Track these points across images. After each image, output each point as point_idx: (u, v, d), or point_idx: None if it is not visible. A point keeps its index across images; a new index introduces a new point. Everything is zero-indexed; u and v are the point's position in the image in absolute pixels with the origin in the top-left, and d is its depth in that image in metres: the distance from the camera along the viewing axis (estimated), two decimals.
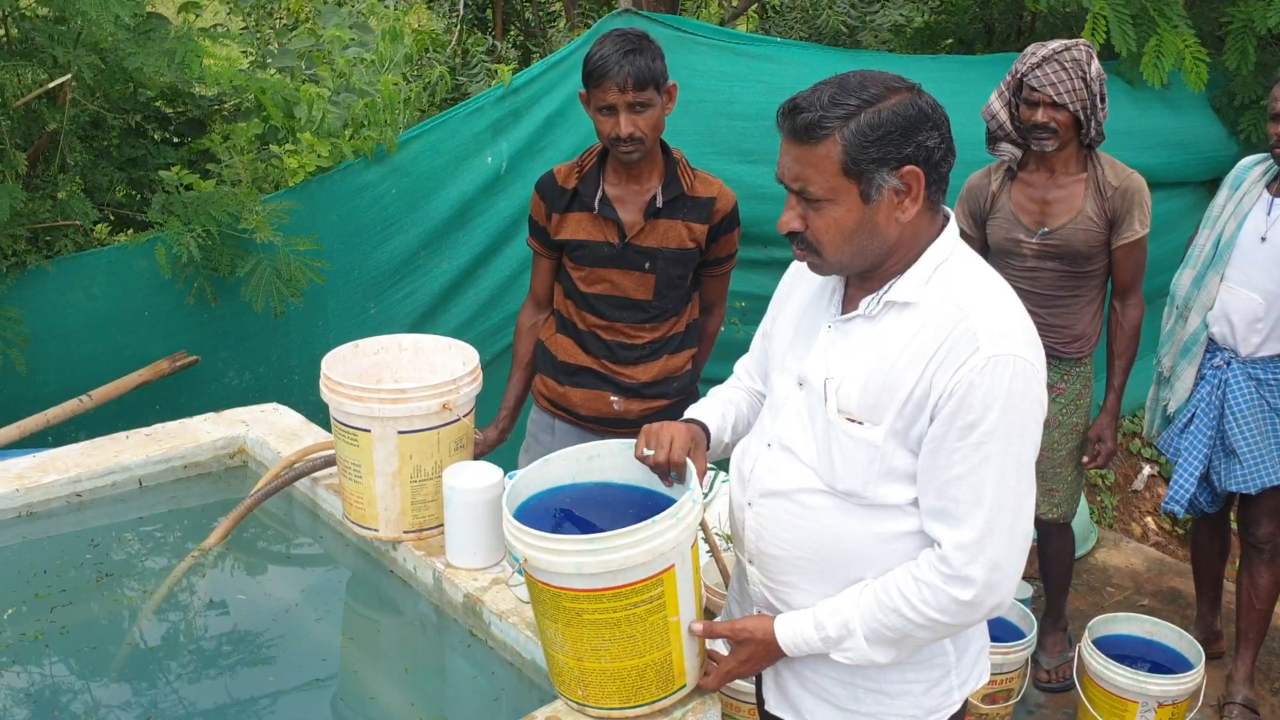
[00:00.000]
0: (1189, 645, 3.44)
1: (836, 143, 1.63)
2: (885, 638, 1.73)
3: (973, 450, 1.64)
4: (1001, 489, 1.65)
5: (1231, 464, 3.44)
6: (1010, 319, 1.68)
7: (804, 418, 1.81)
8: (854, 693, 1.87)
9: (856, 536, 1.76)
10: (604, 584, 1.74)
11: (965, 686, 1.91)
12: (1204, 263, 3.46)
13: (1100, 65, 3.24)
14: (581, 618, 1.78)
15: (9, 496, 2.62)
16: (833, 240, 1.69)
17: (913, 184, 1.66)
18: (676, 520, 1.75)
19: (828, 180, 1.65)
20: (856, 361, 1.74)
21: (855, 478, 1.74)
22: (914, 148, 1.64)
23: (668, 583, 1.78)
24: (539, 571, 1.78)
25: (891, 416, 1.69)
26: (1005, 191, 3.43)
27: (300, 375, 3.77)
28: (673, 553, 1.76)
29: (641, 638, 1.80)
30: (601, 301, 2.85)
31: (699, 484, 1.86)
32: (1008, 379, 1.62)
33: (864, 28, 5.14)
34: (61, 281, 3.36)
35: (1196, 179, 5.64)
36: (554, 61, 4.12)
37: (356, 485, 2.41)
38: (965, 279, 1.71)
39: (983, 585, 1.67)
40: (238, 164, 3.62)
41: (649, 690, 1.85)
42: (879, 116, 1.62)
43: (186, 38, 3.36)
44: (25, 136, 3.45)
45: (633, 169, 2.76)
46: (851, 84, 1.65)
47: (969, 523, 1.66)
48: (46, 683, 2.19)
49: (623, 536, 1.71)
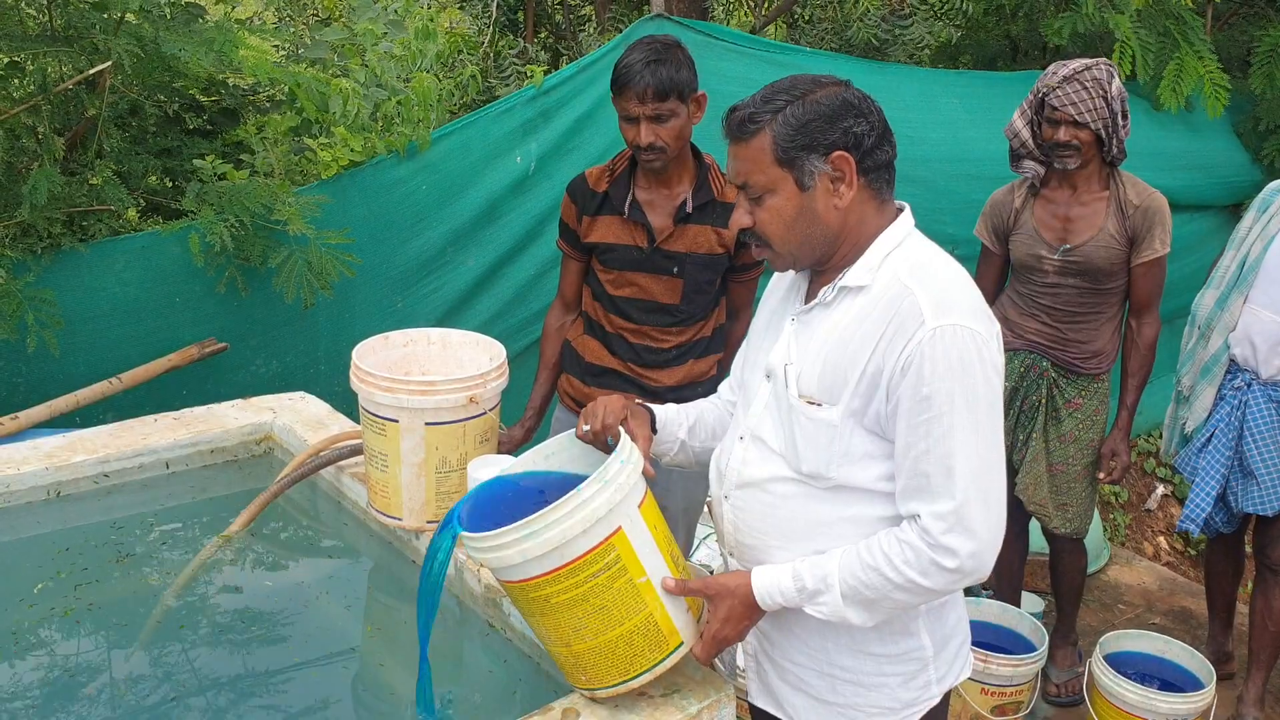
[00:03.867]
0: (1200, 664, 3.45)
1: (767, 135, 1.73)
2: (862, 596, 1.75)
3: (934, 422, 1.68)
4: (970, 457, 1.69)
5: (1249, 485, 3.45)
6: (955, 292, 1.74)
7: (771, 407, 1.87)
8: (832, 684, 1.91)
9: (827, 522, 1.80)
10: (555, 563, 1.76)
11: (944, 681, 1.93)
12: (1228, 284, 3.47)
13: (1121, 83, 3.27)
14: (550, 603, 1.80)
15: (38, 475, 2.66)
16: (777, 230, 1.78)
17: (844, 169, 1.74)
18: (605, 483, 1.76)
19: (764, 172, 1.75)
20: (814, 347, 1.80)
21: (818, 459, 1.79)
22: (840, 134, 1.73)
23: (620, 546, 1.79)
24: (498, 572, 1.81)
25: (848, 395, 1.75)
26: (1028, 208, 3.45)
27: (327, 365, 3.80)
28: (613, 515, 1.76)
29: (614, 606, 1.80)
30: (629, 305, 2.88)
31: (632, 447, 1.87)
32: (957, 349, 1.67)
33: (894, 42, 5.17)
34: (95, 265, 3.40)
35: (1218, 203, 5.65)
36: (585, 64, 4.15)
37: (382, 475, 2.44)
38: (915, 261, 1.78)
39: (966, 555, 1.69)
40: (271, 156, 3.66)
41: (643, 656, 1.85)
42: (803, 107, 1.73)
43: (226, 28, 3.41)
44: (64, 122, 3.50)
45: (661, 174, 2.78)
46: (782, 84, 1.77)
47: (944, 494, 1.69)
48: (77, 655, 2.23)
49: (553, 512, 1.73)
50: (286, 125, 3.75)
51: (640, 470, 1.85)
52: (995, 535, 1.72)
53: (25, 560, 2.52)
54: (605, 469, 1.78)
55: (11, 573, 2.49)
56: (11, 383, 3.35)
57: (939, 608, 1.91)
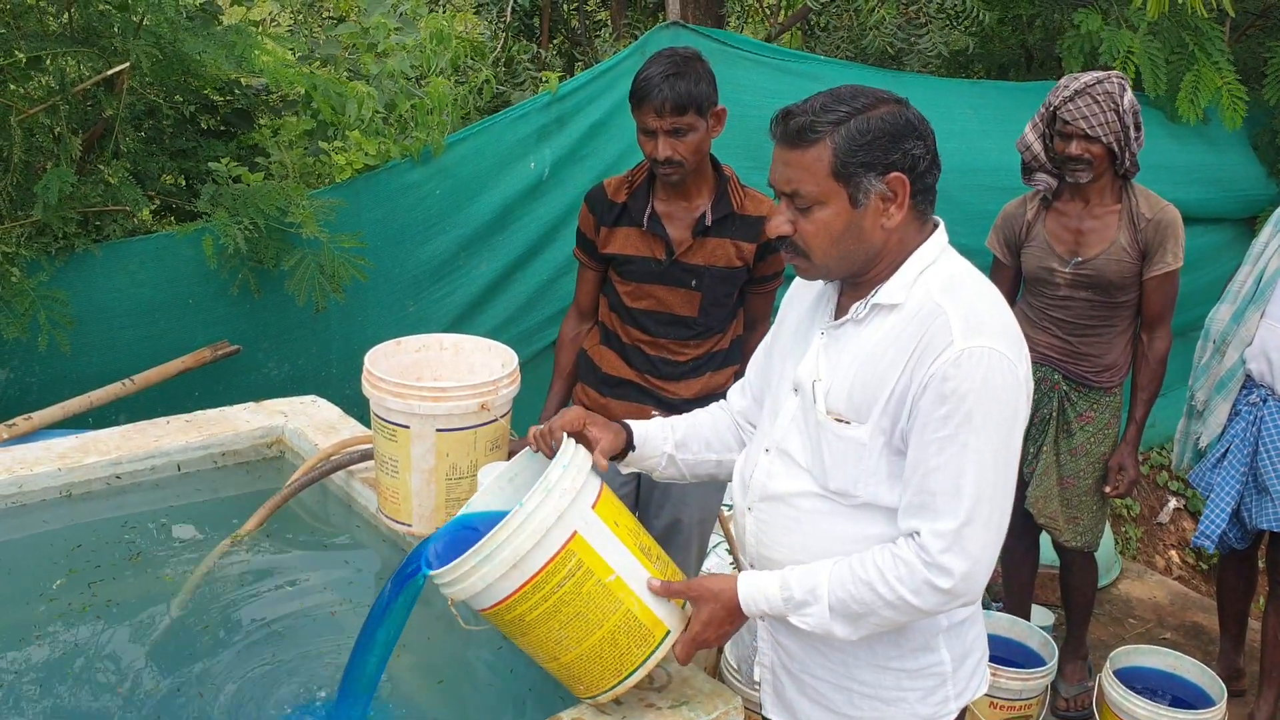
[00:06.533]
0: (1211, 681, 3.42)
1: (827, 146, 1.69)
2: (850, 610, 1.74)
3: (948, 440, 1.66)
4: (980, 480, 1.67)
5: (1264, 501, 3.43)
6: (987, 313, 1.72)
7: (799, 421, 1.85)
8: (850, 698, 1.90)
9: (850, 538, 1.79)
10: (518, 581, 1.75)
11: (962, 697, 1.92)
12: (1244, 299, 3.45)
13: (1133, 96, 3.26)
14: (526, 621, 1.80)
15: (51, 475, 2.68)
16: (820, 244, 1.75)
17: (898, 190, 1.72)
18: (548, 492, 1.75)
19: (818, 183, 1.71)
20: (844, 363, 1.79)
21: (845, 477, 1.77)
22: (900, 155, 1.70)
23: (579, 550, 1.77)
24: (471, 602, 1.81)
25: (877, 414, 1.73)
26: (1040, 220, 3.45)
27: (338, 369, 3.81)
28: (564, 522, 1.76)
29: (589, 610, 1.79)
30: (647, 317, 2.87)
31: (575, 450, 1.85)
32: (983, 370, 1.66)
33: (909, 51, 5.16)
34: (108, 266, 3.41)
35: (1233, 216, 5.62)
36: (600, 71, 4.15)
37: (393, 480, 2.44)
38: (948, 280, 1.76)
39: (960, 577, 1.68)
40: (286, 158, 3.67)
41: (631, 654, 1.84)
42: (868, 123, 1.69)
43: (244, 30, 3.42)
44: (81, 122, 3.51)
45: (680, 187, 2.77)
46: (844, 93, 1.73)
47: (948, 513, 1.67)
48: (90, 650, 2.25)
49: (501, 532, 1.72)
50: (301, 128, 3.76)
51: (586, 470, 1.84)
52: (990, 559, 1.71)
53: (38, 557, 2.54)
54: (545, 477, 1.77)
55: (24, 569, 2.50)
56: (24, 383, 3.37)
57: (960, 623, 1.89)
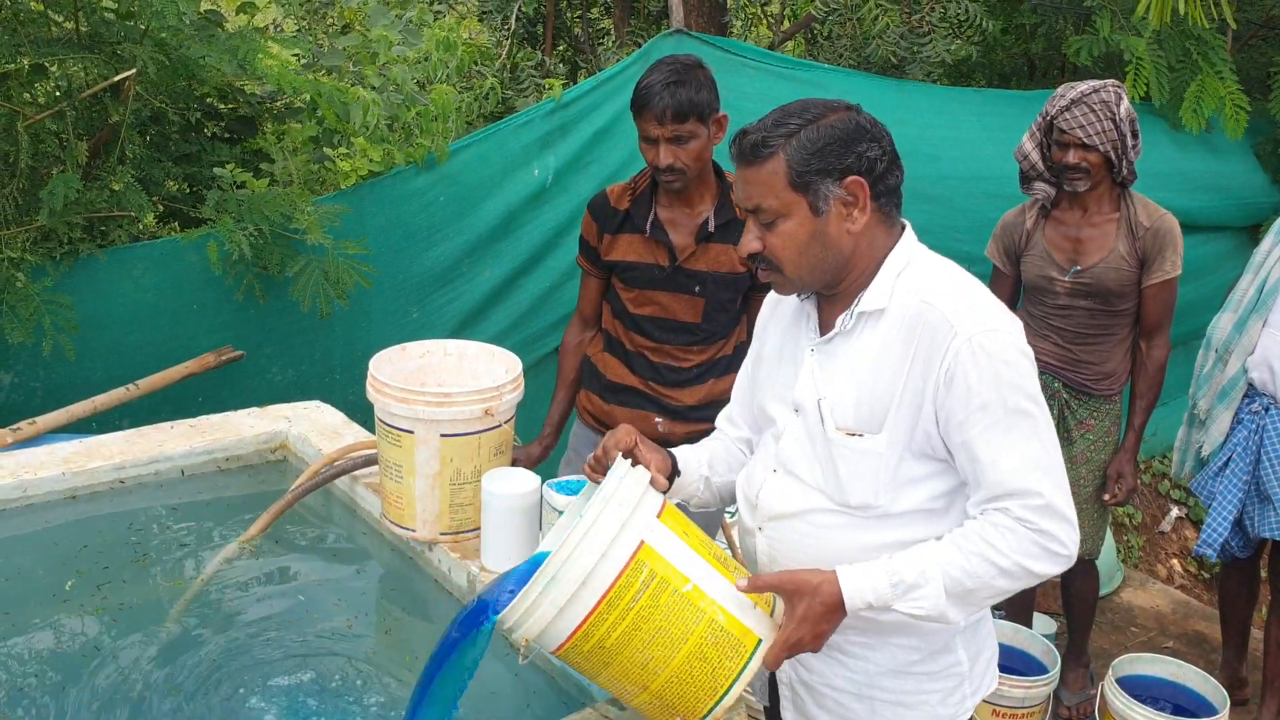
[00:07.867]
0: (1213, 689, 3.42)
1: (781, 159, 1.73)
2: (963, 587, 1.69)
3: (993, 429, 1.68)
4: (1037, 452, 1.70)
5: (1266, 510, 3.43)
6: (974, 297, 1.75)
7: (804, 442, 1.85)
8: (871, 706, 1.90)
9: (872, 547, 1.78)
10: (591, 602, 1.67)
11: (978, 694, 1.94)
12: (1246, 307, 3.46)
13: (1130, 105, 3.28)
14: (606, 647, 1.70)
15: (55, 479, 2.67)
16: (789, 255, 1.77)
17: (858, 193, 1.74)
18: (605, 500, 1.70)
19: (778, 196, 1.74)
20: (843, 377, 1.79)
21: (866, 490, 1.77)
22: (854, 158, 1.73)
23: (651, 560, 1.69)
24: (545, 641, 1.71)
25: (890, 422, 1.74)
26: (1039, 229, 3.46)
27: (342, 374, 3.81)
28: (627, 531, 1.68)
29: (671, 625, 1.69)
30: (650, 323, 2.87)
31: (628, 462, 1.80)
32: (998, 353, 1.68)
33: (912, 60, 5.17)
34: (113, 271, 3.42)
35: (1235, 224, 5.62)
36: (604, 78, 4.16)
37: (397, 485, 2.45)
38: (926, 276, 1.78)
39: (1068, 539, 1.70)
40: (291, 165, 3.68)
41: (724, 668, 1.72)
42: (819, 131, 1.73)
43: (249, 36, 3.43)
44: (88, 128, 3.52)
45: (682, 194, 2.78)
46: (794, 108, 1.77)
47: (1030, 492, 1.69)
48: (88, 649, 2.26)
49: (564, 549, 1.65)
50: (306, 134, 3.77)
51: (646, 482, 1.78)
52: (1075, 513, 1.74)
53: (45, 559, 2.55)
54: (601, 488, 1.73)
55: (31, 572, 2.51)
56: (29, 388, 3.37)
57: (974, 623, 1.90)
